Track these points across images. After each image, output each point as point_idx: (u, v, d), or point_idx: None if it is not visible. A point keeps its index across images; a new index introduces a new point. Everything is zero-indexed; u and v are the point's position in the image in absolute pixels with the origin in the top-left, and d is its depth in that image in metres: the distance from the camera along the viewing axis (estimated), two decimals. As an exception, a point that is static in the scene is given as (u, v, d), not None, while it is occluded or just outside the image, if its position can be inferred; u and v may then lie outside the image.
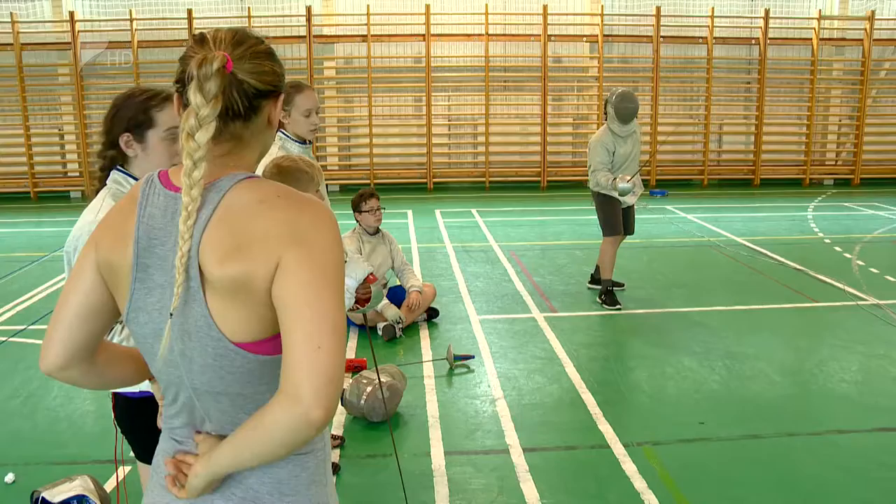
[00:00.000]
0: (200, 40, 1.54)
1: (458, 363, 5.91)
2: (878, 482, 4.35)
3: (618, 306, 7.39)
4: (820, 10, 16.36)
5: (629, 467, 4.41)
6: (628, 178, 7.28)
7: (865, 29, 16.56)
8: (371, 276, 3.39)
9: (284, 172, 3.05)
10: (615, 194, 7.41)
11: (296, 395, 1.39)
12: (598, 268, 7.85)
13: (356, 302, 3.39)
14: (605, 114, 7.47)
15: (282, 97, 1.62)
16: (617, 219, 7.55)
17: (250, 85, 1.53)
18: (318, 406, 1.39)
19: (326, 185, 13.33)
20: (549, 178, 15.66)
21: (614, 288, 7.66)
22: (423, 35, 14.85)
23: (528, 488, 4.18)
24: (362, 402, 4.89)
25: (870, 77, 16.82)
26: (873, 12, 16.42)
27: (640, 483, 4.23)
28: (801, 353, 6.44)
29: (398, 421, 4.99)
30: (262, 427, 1.43)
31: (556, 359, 6.08)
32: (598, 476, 4.36)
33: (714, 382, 5.69)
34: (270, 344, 1.49)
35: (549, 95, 15.50)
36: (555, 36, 15.42)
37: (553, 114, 15.85)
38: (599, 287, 7.69)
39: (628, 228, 7.76)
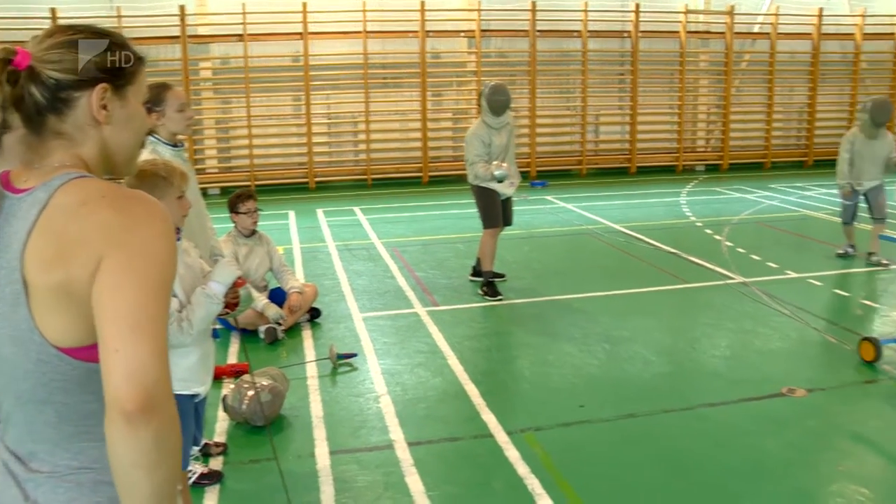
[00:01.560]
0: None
1: (341, 362, 5.88)
2: (742, 449, 4.58)
3: (499, 297, 7.50)
4: (686, 5, 16.99)
5: (512, 454, 4.49)
6: (504, 164, 7.45)
7: (727, 22, 17.30)
8: (239, 280, 3.34)
9: (141, 178, 3.01)
10: (494, 186, 7.53)
11: (109, 403, 1.36)
12: (479, 260, 7.95)
13: (225, 306, 3.33)
14: (480, 107, 7.57)
15: (102, 88, 1.53)
16: (496, 210, 7.65)
17: (49, 76, 1.47)
18: (130, 406, 1.34)
19: (205, 188, 12.92)
20: (431, 174, 15.73)
21: (495, 279, 7.77)
22: (301, 33, 14.68)
23: (414, 482, 4.20)
24: (244, 406, 4.80)
25: (733, 68, 17.59)
26: (733, 7, 17.18)
27: (523, 469, 4.32)
28: (675, 333, 6.70)
29: (282, 423, 4.93)
30: (112, 461, 1.38)
31: (438, 352, 6.12)
32: (482, 465, 4.42)
33: (592, 366, 5.85)
34: (95, 350, 1.44)
35: (428, 91, 15.56)
36: (433, 32, 15.49)
37: (432, 109, 15.92)
38: (481, 279, 7.79)
39: (507, 220, 7.89)
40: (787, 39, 17.99)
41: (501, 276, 8.09)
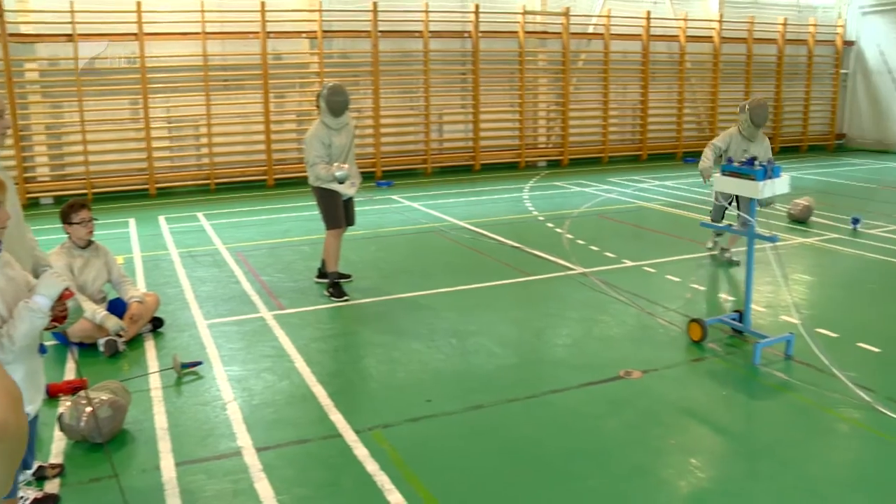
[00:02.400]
0: None
1: (185, 371, 5.74)
2: (584, 432, 4.81)
3: (345, 298, 7.52)
4: (524, 6, 17.48)
5: (361, 452, 4.53)
6: (345, 165, 7.47)
7: (563, 23, 17.94)
8: (67, 292, 3.21)
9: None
10: (335, 186, 7.54)
11: None
12: (324, 262, 7.94)
13: (53, 320, 3.20)
14: (318, 108, 7.55)
15: None
16: (338, 211, 7.67)
17: None
18: None
19: (37, 197, 12.29)
20: (276, 176, 15.51)
21: (341, 280, 7.78)
22: (136, 34, 14.14)
23: (263, 487, 4.17)
24: (81, 423, 4.62)
25: (570, 67, 18.25)
26: (568, 9, 17.83)
27: (372, 466, 4.36)
28: (519, 325, 6.90)
29: (125, 438, 4.77)
30: None
31: (285, 356, 6.08)
32: (331, 465, 4.43)
33: (439, 361, 5.97)
34: None
35: (270, 93, 15.33)
36: (273, 33, 15.27)
37: (276, 111, 15.70)
38: (326, 280, 7.78)
39: (350, 220, 7.91)
40: (619, 40, 18.83)
41: (347, 276, 8.11)
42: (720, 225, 6.99)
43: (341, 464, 4.43)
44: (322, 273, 8.09)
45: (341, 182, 7.51)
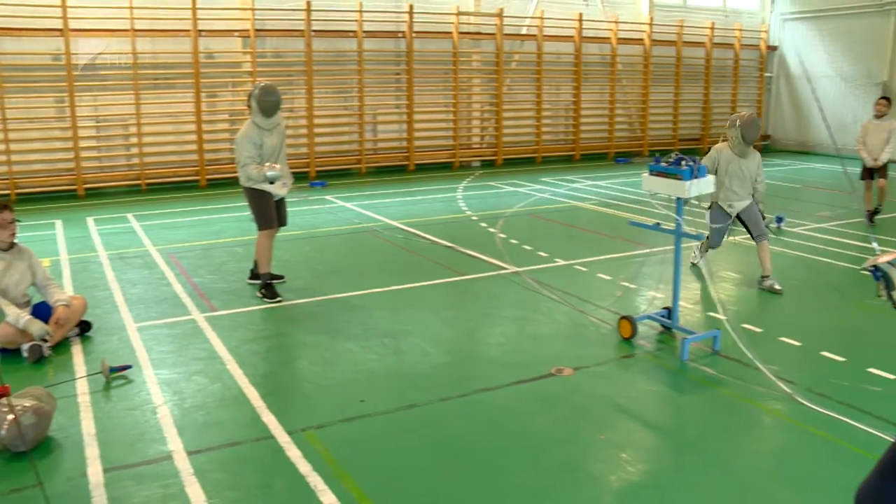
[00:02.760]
0: None
1: (114, 375, 5.64)
2: (515, 429, 4.87)
3: (278, 299, 7.47)
4: (457, 7, 17.55)
5: (294, 453, 4.51)
6: (276, 165, 7.44)
7: (496, 24, 18.07)
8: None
9: None
10: (266, 187, 7.49)
11: None
12: (256, 263, 7.87)
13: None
14: (250, 108, 7.49)
15: None
16: (269, 211, 7.62)
17: None
18: None
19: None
20: (209, 177, 15.30)
21: (273, 281, 7.72)
22: (61, 29, 13.79)
23: (194, 491, 4.13)
24: (2, 432, 4.50)
25: (503, 68, 18.39)
26: (502, 10, 17.96)
27: (304, 467, 4.35)
28: (452, 324, 6.94)
29: (50, 445, 4.66)
30: None
31: (217, 358, 6.01)
32: (263, 467, 4.41)
33: (372, 361, 5.97)
34: None
35: (202, 92, 15.11)
36: (205, 31, 15.06)
37: (208, 111, 15.47)
38: (259, 282, 7.72)
39: (282, 220, 7.87)
40: (552, 41, 19.04)
41: (280, 277, 8.05)
42: (648, 224, 7.05)
43: (274, 466, 4.41)
44: (255, 274, 8.02)
45: (273, 182, 7.47)
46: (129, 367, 5.77)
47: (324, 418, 4.99)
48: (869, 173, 11.53)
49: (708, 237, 8.19)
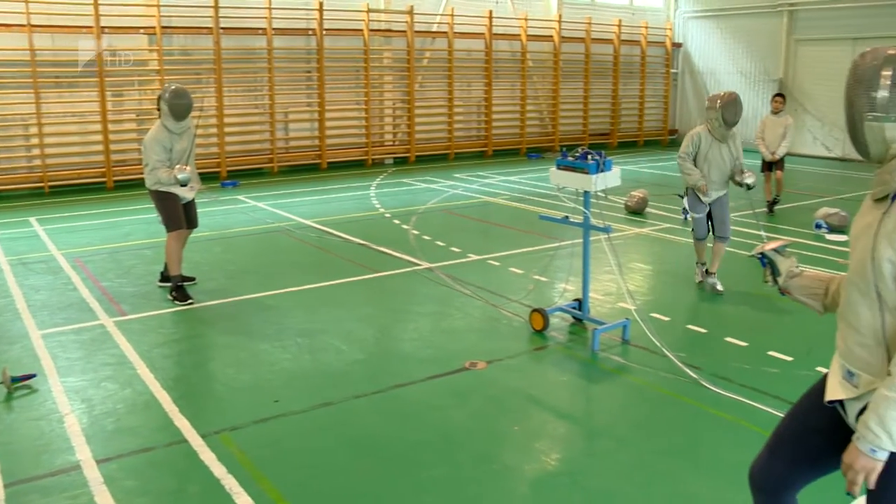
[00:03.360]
0: None
1: (17, 385, 5.45)
2: (430, 423, 4.92)
3: (189, 301, 7.35)
4: (367, 4, 17.49)
5: (208, 456, 4.46)
6: (186, 167, 7.35)
7: (407, 21, 18.08)
8: None
9: None
10: (175, 189, 7.38)
11: None
12: (167, 265, 7.73)
13: None
14: (159, 110, 7.35)
15: None
16: (177, 213, 7.52)
17: None
18: None
19: None
20: (116, 178, 14.89)
21: (185, 283, 7.60)
22: (-49, 26, 13.25)
23: (104, 500, 4.04)
24: None
25: (415, 65, 18.43)
26: (412, 7, 17.98)
27: (219, 470, 4.31)
28: (366, 321, 6.94)
29: (-52, 460, 4.50)
30: None
31: (127, 363, 5.88)
32: (177, 471, 4.35)
33: (286, 361, 5.94)
34: None
35: (107, 91, 14.69)
36: (109, 28, 14.64)
37: (113, 110, 15.05)
38: (170, 284, 7.58)
39: (192, 222, 7.75)
40: (463, 38, 19.15)
41: (191, 279, 7.92)
42: (557, 218, 7.09)
43: (187, 470, 4.35)
44: (165, 277, 7.88)
45: (184, 185, 7.37)
46: (33, 375, 5.60)
47: (238, 420, 4.94)
48: (768, 166, 12.00)
49: (693, 230, 7.98)
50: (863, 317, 2.44)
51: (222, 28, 15.73)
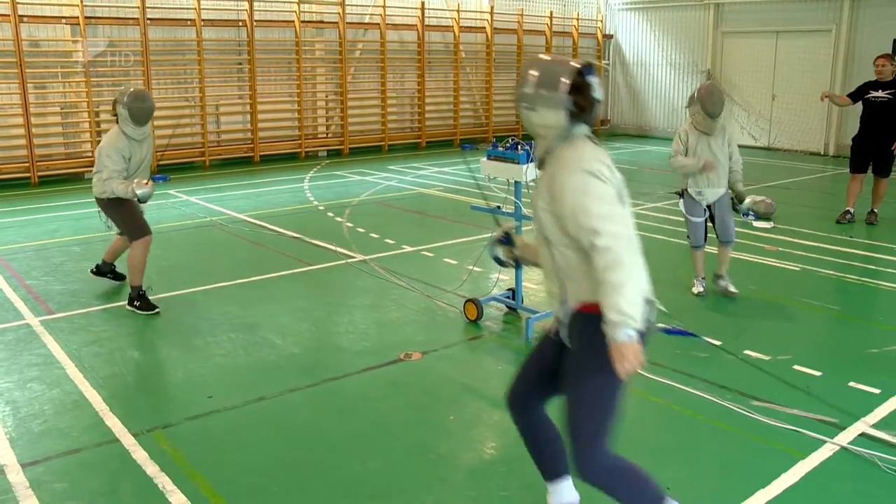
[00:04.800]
0: None
1: (-62, 387, 5.30)
2: (366, 414, 4.93)
3: (156, 310, 6.88)
4: (296, -6, 17.34)
5: (140, 455, 4.40)
6: (145, 181, 6.84)
7: (339, 13, 17.94)
8: None
9: None
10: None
11: None
12: (104, 261, 7.61)
13: None
14: (116, 115, 6.83)
15: None
16: (141, 218, 7.09)
17: None
18: None
19: None
20: (40, 174, 14.47)
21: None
22: None
23: (32, 504, 3.95)
24: None
25: (347, 56, 18.31)
26: (343, -3, 17.89)
27: (152, 468, 4.25)
28: (301, 315, 6.89)
29: None
30: None
31: (55, 363, 5.75)
32: (108, 472, 4.27)
33: (219, 356, 5.87)
34: None
35: (28, 83, 14.27)
36: (28, 17, 14.22)
37: (37, 103, 14.63)
38: (106, 277, 7.45)
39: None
40: (395, 30, 19.09)
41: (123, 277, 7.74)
42: (488, 208, 7.00)
43: (119, 469, 4.28)
44: (100, 270, 7.72)
45: (143, 201, 6.89)
46: (-45, 377, 5.44)
47: (170, 417, 4.88)
48: None
49: (688, 237, 7.40)
50: (548, 259, 3.22)
51: (149, 19, 15.40)
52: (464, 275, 7.91)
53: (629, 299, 2.87)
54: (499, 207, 6.66)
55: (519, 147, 6.25)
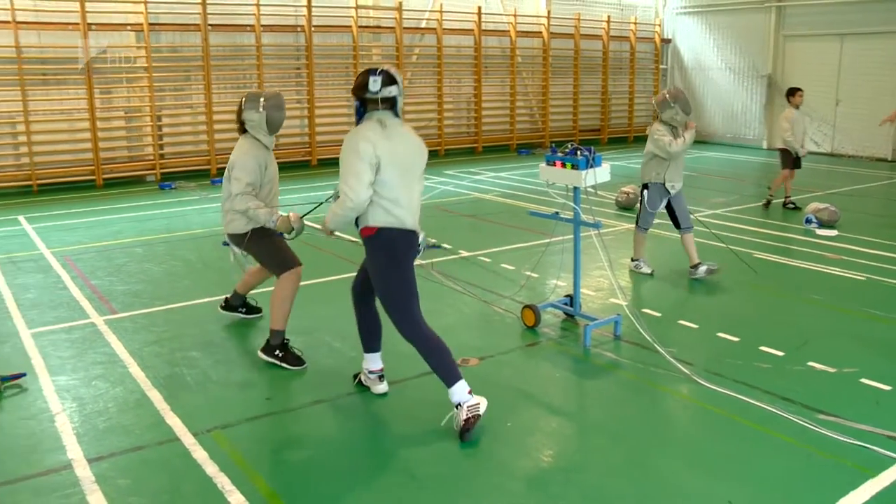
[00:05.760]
0: None
1: (6, 384, 5.42)
2: (424, 419, 4.90)
3: (304, 366, 5.80)
4: (356, 0, 17.46)
5: (200, 454, 4.45)
6: (293, 216, 5.80)
7: (396, 18, 18.05)
8: None
9: None
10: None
11: None
12: (237, 294, 6.80)
13: None
14: (241, 123, 5.97)
15: None
16: (285, 247, 6.13)
17: None
18: None
19: None
20: (105, 176, 14.82)
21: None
22: (-64, 22, 13.15)
23: (97, 499, 4.02)
24: None
25: (404, 61, 18.39)
26: (401, 3, 17.96)
27: (211, 468, 4.30)
28: (359, 319, 6.90)
29: (-63, 460, 4.47)
30: None
31: (118, 361, 5.87)
32: (169, 470, 4.33)
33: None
34: None
35: (95, 88, 14.62)
36: (96, 25, 14.57)
37: (102, 108, 14.98)
38: (232, 312, 6.84)
39: None
40: (452, 34, 19.14)
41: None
42: (547, 214, 7.02)
43: (179, 468, 4.34)
44: (228, 304, 6.86)
45: (290, 237, 5.93)
46: (22, 374, 5.57)
47: (229, 418, 4.93)
48: (795, 163, 11.79)
49: (639, 222, 8.29)
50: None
51: (210, 25, 15.67)
52: (521, 280, 7.86)
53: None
54: (557, 214, 6.61)
55: (578, 153, 6.19)
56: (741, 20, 21.59)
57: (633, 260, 8.45)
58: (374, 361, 5.28)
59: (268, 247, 5.99)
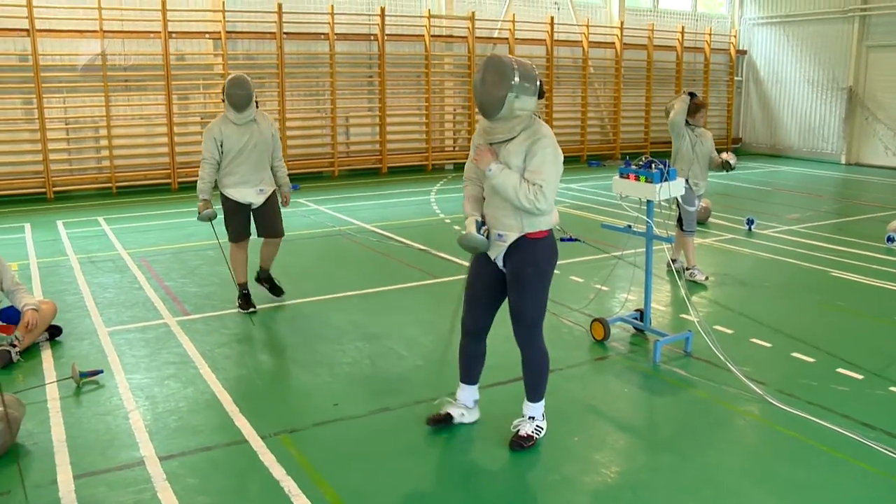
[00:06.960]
0: None
1: (85, 380, 5.58)
2: (491, 431, 4.87)
3: (251, 309, 7.23)
4: (429, 10, 17.57)
5: (268, 458, 4.49)
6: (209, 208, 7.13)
7: (468, 27, 18.10)
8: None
9: None
10: (230, 192, 7.15)
11: None
12: (261, 267, 7.60)
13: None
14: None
15: None
16: (234, 223, 7.28)
17: None
18: None
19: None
20: (180, 180, 15.19)
21: (245, 292, 7.36)
22: (27, 30, 13.64)
23: (167, 497, 4.09)
24: (-30, 438, 4.45)
25: (475, 71, 18.36)
26: (473, 13, 18.00)
27: (278, 471, 4.33)
28: (426, 327, 6.92)
29: (18, 452, 4.59)
30: None
31: (190, 362, 5.97)
32: (237, 472, 4.38)
33: (346, 365, 5.95)
34: None
35: (173, 94, 15.01)
36: (176, 33, 14.96)
37: (179, 113, 15.37)
38: (267, 285, 7.62)
39: (263, 230, 7.48)
40: (524, 45, 19.09)
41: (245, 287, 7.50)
42: (619, 227, 6.99)
43: (247, 470, 4.39)
44: (259, 278, 7.64)
45: (211, 220, 7.08)
46: (100, 371, 5.71)
47: (297, 422, 4.97)
48: None
49: (684, 227, 8.23)
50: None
51: (285, 33, 15.95)
52: (591, 293, 7.78)
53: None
54: (629, 227, 6.52)
55: (653, 165, 6.10)
56: (821, 30, 21.07)
57: (686, 269, 8.35)
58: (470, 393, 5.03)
59: (224, 211, 7.23)
